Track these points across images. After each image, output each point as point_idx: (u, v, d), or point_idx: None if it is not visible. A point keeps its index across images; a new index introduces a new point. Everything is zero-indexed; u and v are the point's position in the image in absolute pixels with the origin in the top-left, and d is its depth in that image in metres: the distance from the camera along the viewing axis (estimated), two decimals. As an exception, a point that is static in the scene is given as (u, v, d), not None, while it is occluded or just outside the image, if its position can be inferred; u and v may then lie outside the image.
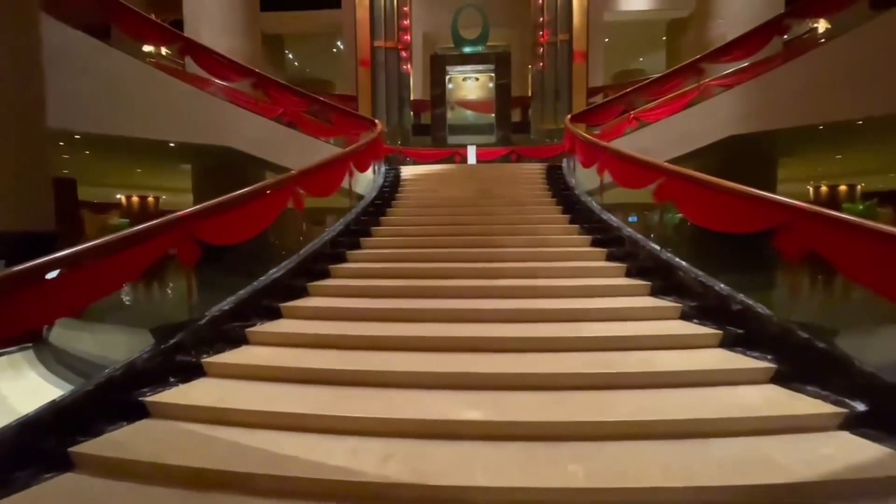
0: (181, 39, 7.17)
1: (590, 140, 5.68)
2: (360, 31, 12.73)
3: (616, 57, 17.85)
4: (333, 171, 4.70)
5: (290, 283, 3.76)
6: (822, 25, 9.13)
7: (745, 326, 2.89)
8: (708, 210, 3.28)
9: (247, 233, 3.46)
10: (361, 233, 4.98)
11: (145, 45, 9.23)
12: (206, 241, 3.20)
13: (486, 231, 4.86)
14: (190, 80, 7.57)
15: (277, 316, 3.38)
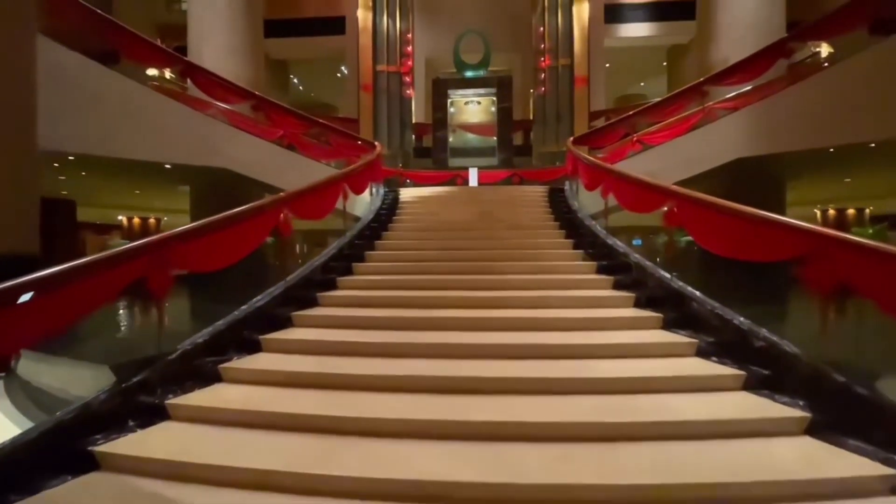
0: (181, 62, 7.15)
1: (594, 162, 5.50)
2: (362, 56, 12.87)
3: (617, 81, 18.00)
4: (326, 194, 4.51)
5: (274, 313, 3.50)
6: (825, 50, 9.10)
7: (771, 367, 2.59)
8: (724, 237, 3.03)
9: (227, 258, 3.23)
10: (355, 257, 4.75)
11: (150, 69, 9.31)
12: (182, 269, 2.98)
13: (487, 256, 4.63)
14: (188, 102, 7.53)
15: (257, 349, 3.11)
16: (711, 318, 3.12)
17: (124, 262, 2.49)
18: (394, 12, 12.79)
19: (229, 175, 7.63)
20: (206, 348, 2.96)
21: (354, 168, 5.66)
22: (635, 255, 4.26)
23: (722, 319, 3.03)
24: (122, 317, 4.44)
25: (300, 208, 4.09)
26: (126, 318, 4.44)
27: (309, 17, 15.83)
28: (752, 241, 2.82)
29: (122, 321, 4.35)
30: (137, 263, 2.57)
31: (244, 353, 3.06)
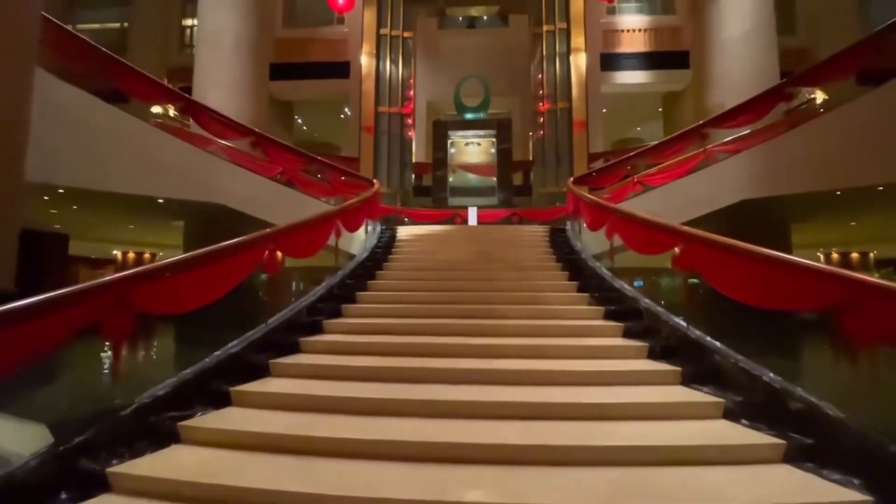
0: (179, 98, 7.17)
1: (597, 202, 5.33)
2: (365, 100, 13.16)
3: (614, 126, 18.36)
4: (316, 231, 4.28)
5: (250, 360, 3.16)
6: (820, 96, 9.23)
7: (814, 434, 2.24)
8: (745, 282, 2.76)
9: (202, 299, 2.94)
10: (345, 298, 4.45)
11: (154, 107, 9.41)
12: (148, 311, 2.69)
13: (486, 299, 4.33)
14: (184, 137, 7.49)
15: (226, 403, 2.75)
16: (737, 373, 2.79)
17: (74, 304, 2.20)
18: (396, 59, 13.20)
19: (224, 211, 7.47)
20: (167, 402, 2.61)
21: (349, 205, 5.48)
22: (645, 299, 3.97)
23: (749, 375, 2.70)
24: (74, 365, 3.95)
25: (287, 246, 3.84)
26: (79, 367, 3.95)
27: (314, 61, 16.36)
28: (779, 288, 2.54)
29: (74, 370, 3.85)
30: (90, 306, 2.27)
31: (211, 407, 2.70)
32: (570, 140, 12.65)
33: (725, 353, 2.95)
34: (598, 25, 13.75)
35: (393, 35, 13.12)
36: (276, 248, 3.66)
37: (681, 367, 2.98)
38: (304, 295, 4.34)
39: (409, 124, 13.35)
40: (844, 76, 6.19)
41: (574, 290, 4.66)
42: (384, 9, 13.17)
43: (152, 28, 16.45)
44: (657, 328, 3.58)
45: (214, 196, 7.24)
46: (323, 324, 3.82)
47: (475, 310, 4.05)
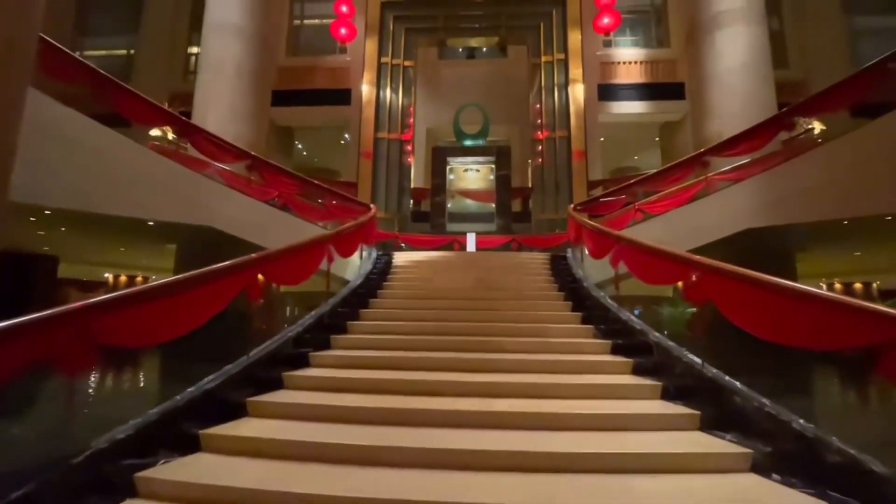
0: (174, 119, 7.08)
1: (601, 229, 5.15)
2: (364, 126, 13.26)
3: (612, 154, 18.50)
4: (307, 256, 4.07)
5: (226, 398, 2.88)
6: (819, 127, 9.25)
7: (858, 494, 1.97)
8: (768, 319, 2.53)
9: (176, 330, 2.69)
10: (335, 328, 4.19)
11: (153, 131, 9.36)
12: (115, 343, 2.43)
13: (485, 331, 4.08)
14: (178, 159, 7.37)
15: (194, 448, 2.46)
16: (762, 418, 2.52)
17: (25, 335, 1.96)
18: (397, 87, 13.37)
19: (216, 234, 7.28)
20: (127, 447, 2.32)
21: (343, 230, 5.29)
22: (655, 333, 3.72)
23: (776, 422, 2.43)
24: (22, 404, 3.27)
25: (274, 272, 3.62)
26: (29, 406, 3.31)
27: (316, 88, 16.58)
28: (808, 325, 2.31)
29: (22, 410, 3.22)
30: (43, 337, 2.03)
31: (177, 453, 2.41)
32: (569, 167, 12.67)
33: (747, 395, 2.69)
34: (595, 58, 14.02)
35: (394, 63, 13.33)
36: (261, 274, 3.43)
37: (699, 410, 2.71)
38: (291, 324, 4.08)
39: (409, 150, 13.38)
40: (848, 104, 6.15)
41: (578, 322, 4.42)
42: (385, 38, 13.43)
43: (158, 55, 16.73)
44: (670, 365, 3.32)
45: (204, 218, 7.06)
46: (310, 356, 3.55)
47: (473, 342, 3.79)
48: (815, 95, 6.19)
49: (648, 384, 3.10)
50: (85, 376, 2.26)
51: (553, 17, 13.31)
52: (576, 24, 13.47)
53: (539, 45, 13.33)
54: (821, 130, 8.68)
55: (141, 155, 6.60)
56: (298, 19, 16.26)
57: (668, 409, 2.81)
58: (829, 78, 7.69)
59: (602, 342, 3.82)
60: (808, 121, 8.81)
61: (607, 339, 3.86)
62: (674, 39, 14.40)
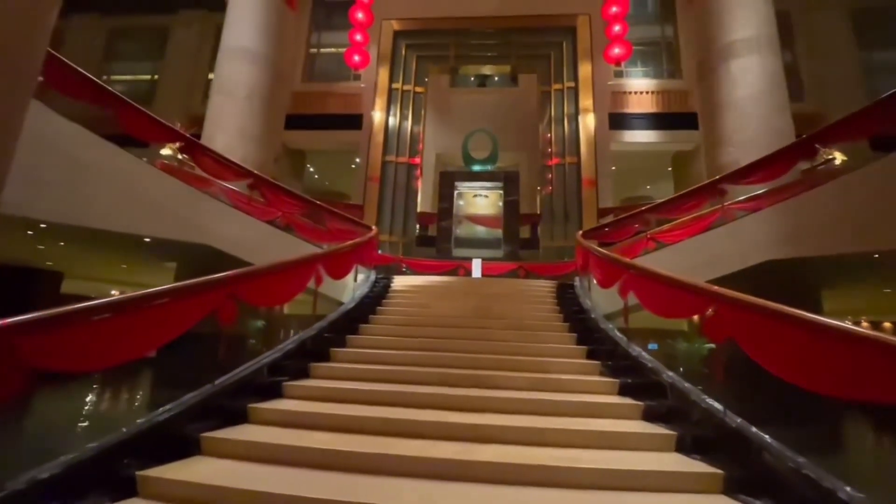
0: (175, 136, 7.05)
1: (610, 256, 4.81)
2: (373, 149, 13.30)
3: (623, 184, 18.26)
4: (290, 276, 3.80)
5: (178, 433, 2.56)
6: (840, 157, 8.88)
7: None
8: (802, 361, 2.15)
9: (121, 354, 2.40)
10: (317, 355, 3.86)
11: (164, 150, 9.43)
12: (49, 366, 2.16)
13: (481, 364, 3.71)
14: (180, 176, 7.31)
15: (129, 493, 2.13)
16: (799, 483, 2.10)
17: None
18: (407, 112, 13.46)
19: (217, 253, 7.12)
20: (48, 490, 2.00)
21: (335, 250, 5.04)
22: (668, 372, 3.32)
23: (817, 489, 2.01)
24: None
25: (252, 292, 3.35)
26: None
27: (329, 113, 16.86)
28: (850, 370, 1.93)
29: None
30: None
31: (108, 499, 2.08)
32: (579, 194, 12.43)
33: (778, 451, 2.27)
34: (605, 87, 14.02)
35: (405, 89, 13.47)
36: (237, 294, 3.16)
37: (722, 468, 2.29)
38: (269, 349, 3.77)
39: (417, 174, 13.32)
40: (873, 131, 5.82)
41: (583, 356, 4.02)
42: (397, 65, 13.63)
43: (180, 80, 17.28)
44: (685, 411, 2.91)
45: (200, 236, 6.91)
46: (283, 386, 3.22)
47: (464, 376, 3.43)
48: (840, 121, 5.87)
49: (661, 433, 2.68)
50: (8, 403, 1.97)
51: (563, 47, 13.39)
52: (586, 54, 13.52)
53: (549, 74, 13.37)
54: (842, 161, 8.33)
55: (139, 170, 6.54)
56: (315, 48, 16.72)
57: (685, 464, 2.39)
58: (844, 111, 7.46)
59: (608, 381, 3.42)
60: (829, 151, 8.46)
61: (614, 378, 3.46)
62: (685, 70, 14.37)
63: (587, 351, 4.06)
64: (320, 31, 16.49)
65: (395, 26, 13.82)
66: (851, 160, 7.88)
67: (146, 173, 6.61)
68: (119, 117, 5.84)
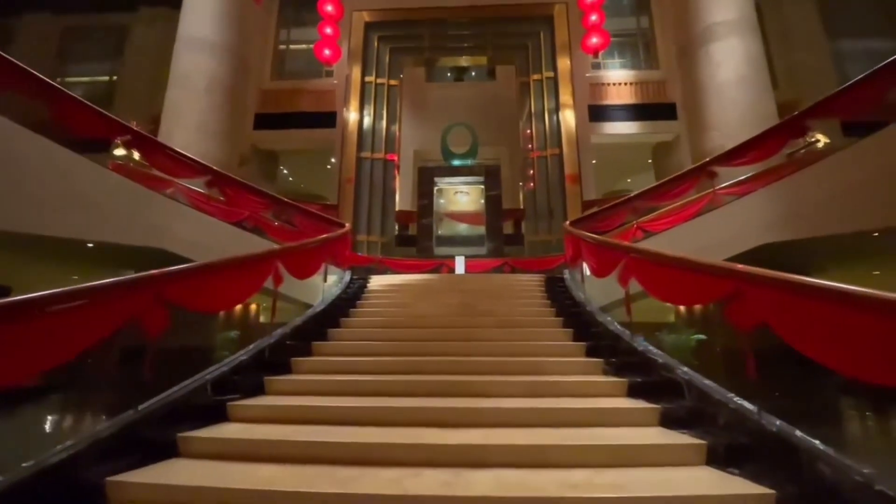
0: (123, 131, 6.32)
1: (606, 242, 4.37)
2: (348, 146, 12.69)
3: (604, 177, 18.08)
4: (237, 275, 3.21)
5: (80, 477, 1.96)
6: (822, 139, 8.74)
7: None
8: (867, 349, 1.71)
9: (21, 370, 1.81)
10: (275, 367, 3.29)
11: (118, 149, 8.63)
12: None
13: (467, 368, 3.21)
14: (130, 175, 6.59)
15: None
16: (863, 497, 1.66)
17: None
18: (381, 106, 12.91)
19: (172, 257, 6.43)
20: None
21: (301, 245, 4.46)
22: (684, 368, 2.87)
23: None
24: None
25: (188, 294, 2.76)
26: None
27: (301, 111, 16.17)
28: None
29: None
30: None
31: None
32: (563, 187, 12.11)
33: (839, 463, 1.83)
34: (584, 79, 13.78)
35: (378, 83, 12.92)
36: (166, 296, 2.57)
37: (772, 486, 1.84)
38: (217, 362, 3.18)
39: (394, 171, 12.76)
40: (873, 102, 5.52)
41: (582, 354, 3.56)
42: (370, 58, 13.08)
43: (141, 80, 16.32)
44: (710, 413, 2.46)
45: (161, 241, 6.22)
46: (227, 407, 2.64)
47: (450, 384, 2.92)
48: (836, 93, 5.57)
49: (687, 443, 2.22)
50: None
51: (541, 37, 13.07)
52: (564, 45, 13.24)
53: (527, 65, 13.02)
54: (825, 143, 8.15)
55: (79, 168, 5.81)
56: (284, 44, 16.01)
57: (724, 483, 1.93)
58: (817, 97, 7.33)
59: (615, 380, 2.95)
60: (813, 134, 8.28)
61: (621, 377, 3.00)
62: (663, 60, 14.26)
63: (586, 347, 3.60)
64: (290, 27, 15.80)
65: (367, 17, 13.26)
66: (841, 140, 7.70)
67: (87, 171, 5.88)
68: (51, 108, 5.13)
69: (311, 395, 2.91)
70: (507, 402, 2.69)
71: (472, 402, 2.69)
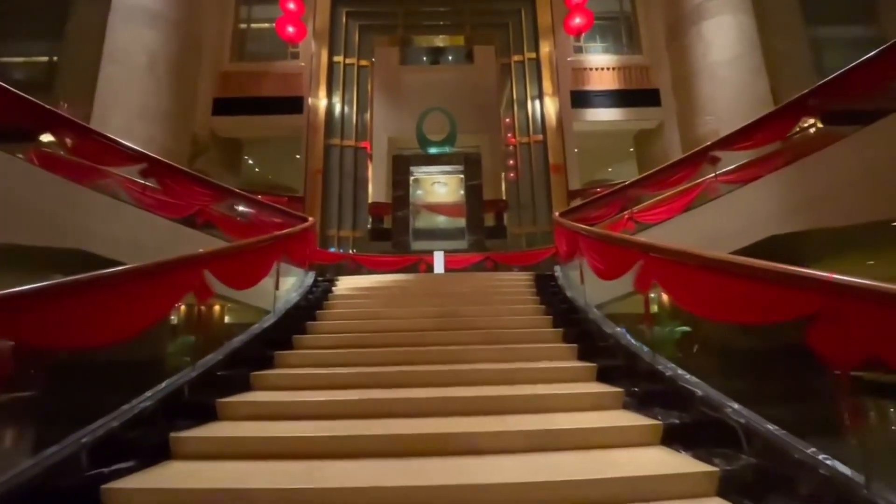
0: (39, 112, 5.22)
1: (616, 238, 3.65)
2: (315, 134, 11.69)
3: (585, 167, 17.59)
4: (132, 296, 2.33)
5: None
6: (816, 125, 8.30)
7: None
8: None
9: None
10: (194, 412, 2.45)
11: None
12: None
13: (449, 408, 2.45)
14: (45, 164, 5.52)
15: None
16: None
17: None
18: (351, 89, 11.93)
19: (102, 262, 5.42)
20: None
21: (241, 245, 3.59)
22: (733, 405, 2.18)
23: None
24: None
25: (50, 324, 1.89)
26: None
27: (266, 96, 14.99)
28: None
29: None
30: None
31: None
32: (547, 175, 11.47)
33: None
34: (567, 63, 13.15)
35: (347, 63, 11.91)
36: (25, 326, 1.71)
37: None
38: (108, 412, 2.31)
39: (367, 160, 11.83)
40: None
41: (593, 379, 2.85)
42: (338, 36, 12.04)
43: (84, 63, 14.73)
44: (790, 477, 1.78)
45: (74, 240, 5.21)
46: (102, 492, 1.80)
47: (426, 440, 2.15)
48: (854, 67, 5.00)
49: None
50: None
51: (522, 15, 12.28)
52: (546, 26, 12.52)
53: (508, 45, 12.23)
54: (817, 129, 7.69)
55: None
56: (245, 23, 14.73)
57: None
58: (795, 86, 6.90)
59: (645, 423, 2.25)
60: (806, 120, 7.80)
61: (651, 416, 2.30)
62: (646, 45, 13.75)
63: (597, 371, 2.90)
64: (251, 3, 14.53)
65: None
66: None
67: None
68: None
69: (239, 459, 2.08)
70: (506, 462, 1.95)
71: (457, 461, 1.93)
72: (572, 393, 2.58)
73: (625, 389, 2.58)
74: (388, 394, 2.61)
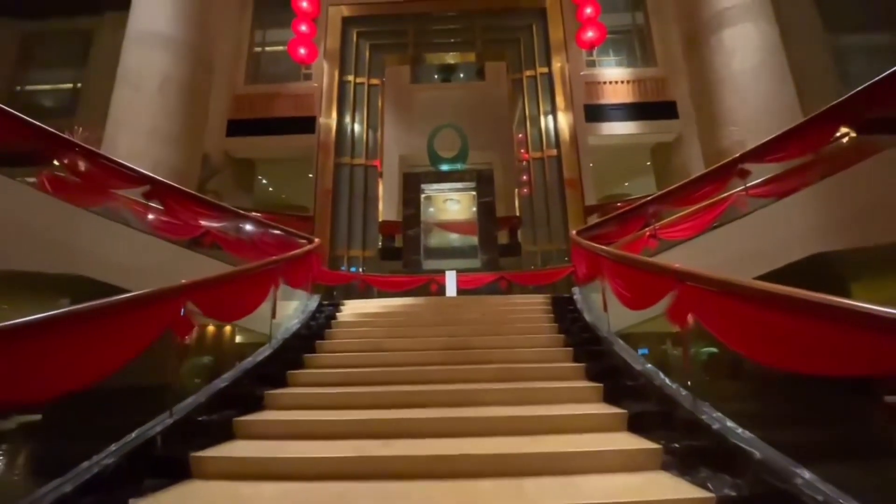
0: (43, 136, 5.14)
1: (644, 263, 3.26)
2: (326, 153, 11.64)
3: (601, 181, 17.18)
4: (102, 333, 2.06)
5: None
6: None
7: None
8: None
9: None
10: (169, 467, 2.14)
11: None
12: None
13: (457, 469, 2.09)
14: (50, 188, 5.43)
15: None
16: None
17: None
18: (362, 108, 11.89)
19: (104, 288, 5.26)
20: None
21: (235, 273, 3.32)
22: (804, 475, 1.77)
23: None
24: None
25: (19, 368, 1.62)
26: None
27: (278, 116, 15.14)
28: None
29: None
30: None
31: None
32: (561, 191, 11.12)
33: None
34: (580, 78, 12.92)
35: (358, 82, 11.89)
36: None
37: None
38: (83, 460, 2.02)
39: (377, 178, 11.68)
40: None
41: (622, 427, 2.46)
42: (348, 56, 12.06)
43: (106, 88, 15.18)
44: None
45: (72, 265, 5.05)
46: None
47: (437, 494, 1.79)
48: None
49: None
50: None
51: (534, 31, 12.14)
52: (558, 41, 12.34)
53: (520, 61, 12.07)
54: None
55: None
56: (260, 46, 14.99)
57: None
58: (820, 95, 6.47)
59: (695, 495, 1.84)
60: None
61: (701, 486, 1.89)
62: (660, 57, 13.44)
63: (628, 418, 2.49)
64: (265, 28, 14.79)
65: (345, 12, 12.26)
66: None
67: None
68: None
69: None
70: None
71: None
72: (602, 451, 2.18)
73: (662, 445, 2.17)
74: (387, 449, 2.26)
